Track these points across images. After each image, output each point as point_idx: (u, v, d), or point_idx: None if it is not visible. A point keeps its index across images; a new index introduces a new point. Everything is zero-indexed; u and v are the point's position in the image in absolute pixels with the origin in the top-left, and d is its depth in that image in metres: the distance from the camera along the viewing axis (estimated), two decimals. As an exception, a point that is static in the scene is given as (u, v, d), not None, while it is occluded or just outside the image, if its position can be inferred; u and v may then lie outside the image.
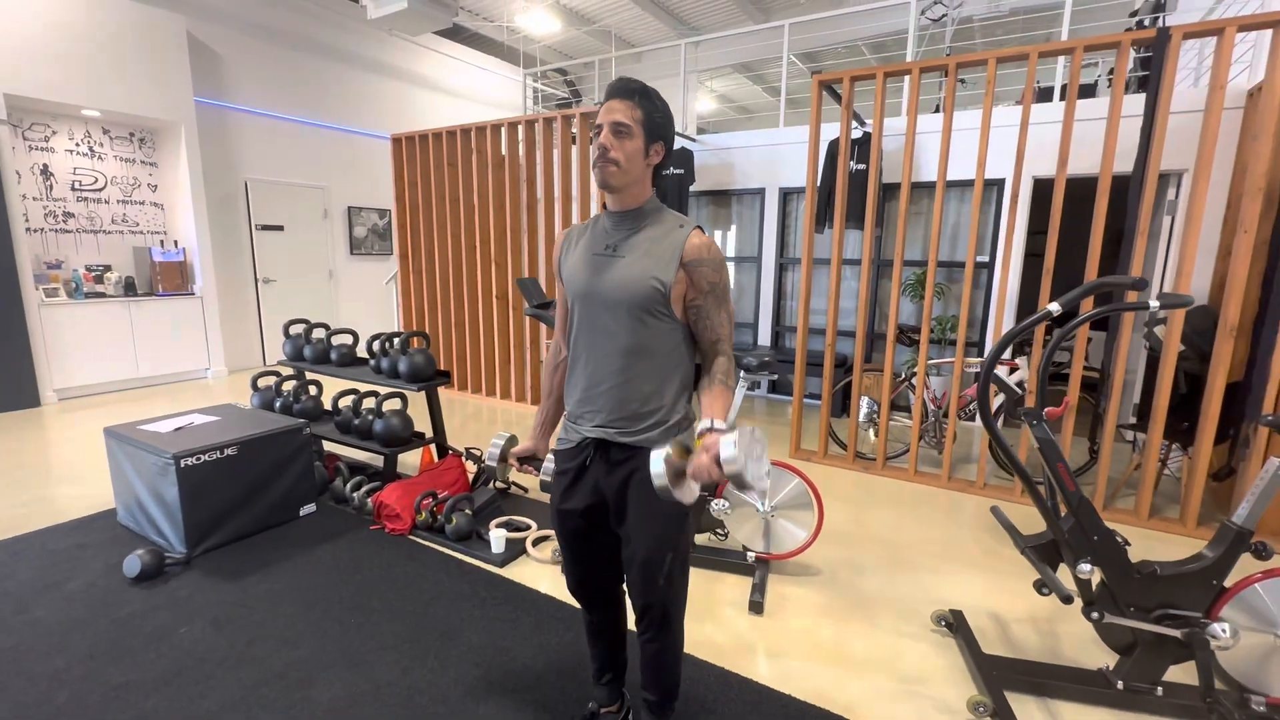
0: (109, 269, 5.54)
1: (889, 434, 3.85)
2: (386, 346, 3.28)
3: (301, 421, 2.98)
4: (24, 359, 4.89)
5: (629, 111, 1.28)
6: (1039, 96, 5.39)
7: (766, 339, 5.64)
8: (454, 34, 8.73)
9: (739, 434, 1.10)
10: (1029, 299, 4.92)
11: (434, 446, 3.42)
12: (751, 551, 2.55)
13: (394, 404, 3.22)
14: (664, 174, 1.44)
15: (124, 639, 2.07)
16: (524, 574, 2.54)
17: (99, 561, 2.57)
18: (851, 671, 1.98)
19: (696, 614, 2.25)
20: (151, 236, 5.94)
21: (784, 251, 5.51)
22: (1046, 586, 1.91)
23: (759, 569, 2.50)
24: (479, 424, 4.84)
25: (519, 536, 2.77)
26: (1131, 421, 3.88)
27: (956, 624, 2.16)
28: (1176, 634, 1.73)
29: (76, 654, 1.99)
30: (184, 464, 2.55)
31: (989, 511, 3.22)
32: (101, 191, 5.57)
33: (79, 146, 5.41)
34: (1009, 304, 3.55)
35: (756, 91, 11.53)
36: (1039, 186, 4.27)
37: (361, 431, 3.19)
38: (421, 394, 3.26)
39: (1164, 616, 1.75)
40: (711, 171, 5.63)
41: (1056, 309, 1.64)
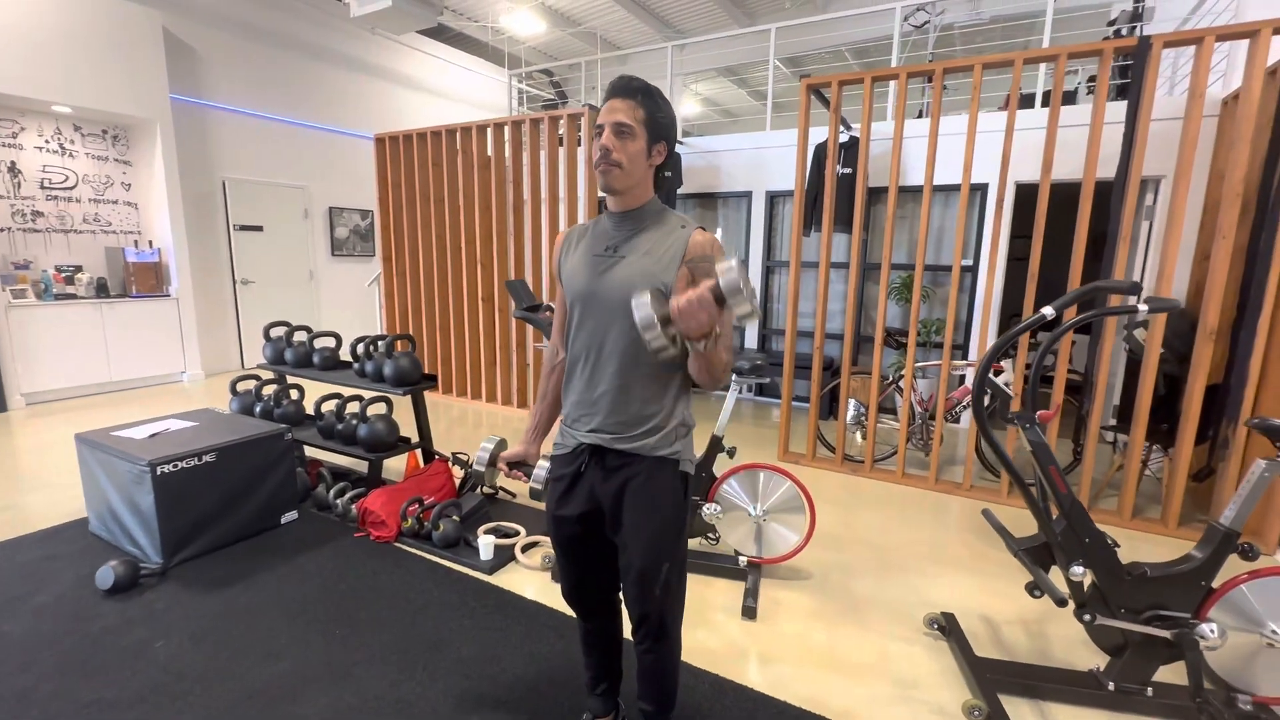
0: (80, 270, 5.38)
1: (876, 436, 3.87)
2: (371, 350, 3.22)
3: (283, 427, 2.90)
4: (-10, 362, 4.73)
5: (631, 111, 1.25)
6: (1018, 103, 5.48)
7: (753, 342, 5.65)
8: (438, 34, 8.65)
9: (732, 261, 1.06)
10: (1010, 302, 4.99)
11: (420, 452, 3.36)
12: (743, 556, 2.53)
13: (379, 408, 3.16)
14: (666, 175, 1.41)
15: (96, 654, 1.99)
16: (513, 581, 2.50)
17: (70, 573, 2.48)
18: (846, 676, 1.97)
19: (689, 620, 2.21)
20: (125, 236, 5.78)
21: (771, 255, 5.53)
22: (1039, 589, 1.92)
23: (751, 573, 2.48)
24: (464, 428, 4.78)
25: (508, 543, 2.73)
26: (1112, 423, 3.94)
27: (949, 627, 2.16)
28: (1166, 635, 1.74)
29: (46, 671, 1.91)
30: (160, 471, 2.47)
31: (976, 513, 3.26)
32: (72, 190, 5.41)
33: (49, 144, 5.25)
34: (993, 307, 3.60)
35: (741, 95, 11.59)
36: (1020, 191, 4.33)
37: (345, 437, 3.12)
38: (407, 398, 3.21)
39: (1154, 618, 1.76)
40: (698, 174, 5.63)
41: (1050, 312, 1.65)
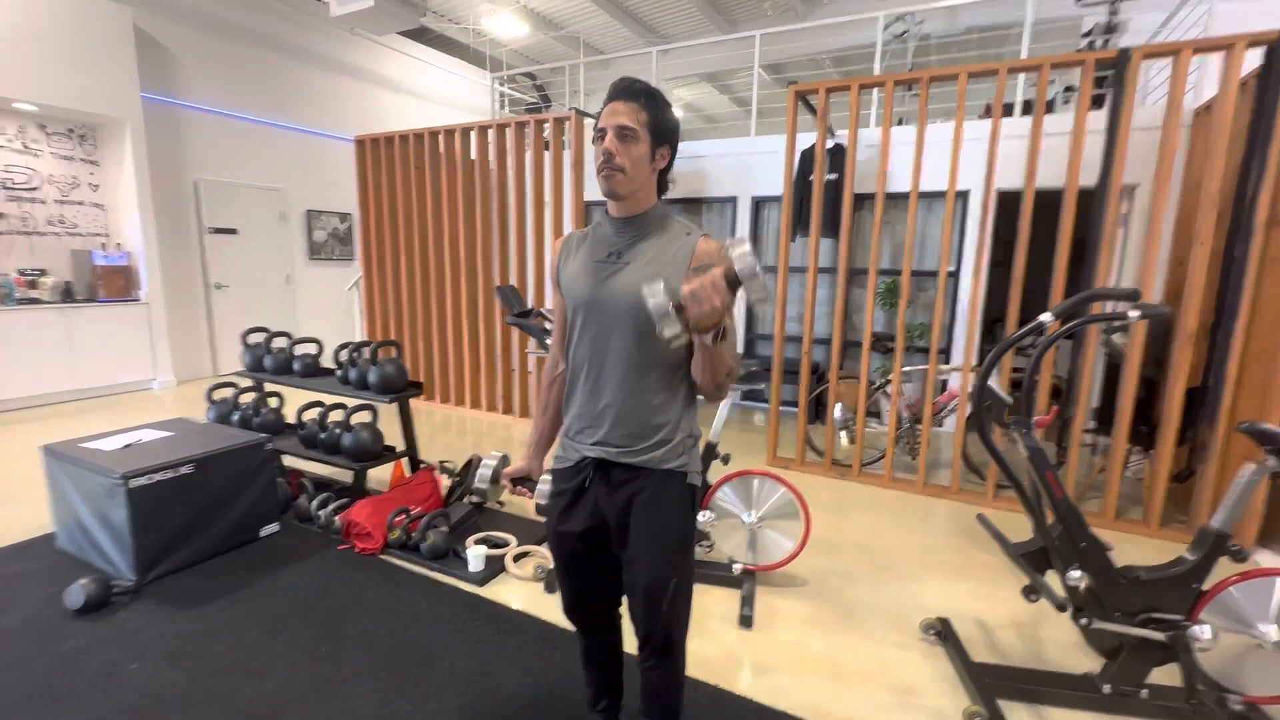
0: (44, 273, 5.18)
1: (862, 440, 3.88)
2: (355, 356, 3.14)
3: (264, 436, 2.81)
4: (-53, 370, 4.52)
5: (634, 114, 1.22)
6: (988, 113, 5.59)
7: (740, 347, 5.66)
8: (419, 35, 8.55)
9: (746, 245, 1.04)
10: (990, 307, 5.07)
11: (405, 461, 3.29)
12: (738, 564, 2.52)
13: (363, 416, 3.08)
14: (670, 181, 1.38)
15: (67, 678, 1.90)
16: (505, 593, 2.45)
17: (37, 592, 2.36)
18: (845, 684, 1.96)
19: (686, 630, 2.20)
20: (92, 239, 5.59)
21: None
22: (1035, 593, 1.94)
23: (746, 581, 2.46)
24: (448, 435, 4.70)
25: (498, 553, 2.67)
26: (1091, 426, 4.02)
27: (944, 632, 2.17)
28: (1161, 637, 1.76)
29: (13, 696, 1.81)
30: (134, 484, 2.37)
31: (964, 516, 3.29)
32: (36, 191, 5.21)
33: (11, 142, 5.05)
34: (978, 312, 3.64)
35: (723, 101, 11.66)
36: (1000, 199, 4.40)
37: (328, 446, 3.04)
38: (391, 406, 3.13)
39: (1148, 620, 1.78)
40: (684, 179, 5.63)
41: (1049, 319, 1.66)
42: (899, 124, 5.74)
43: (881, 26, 5.31)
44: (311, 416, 3.17)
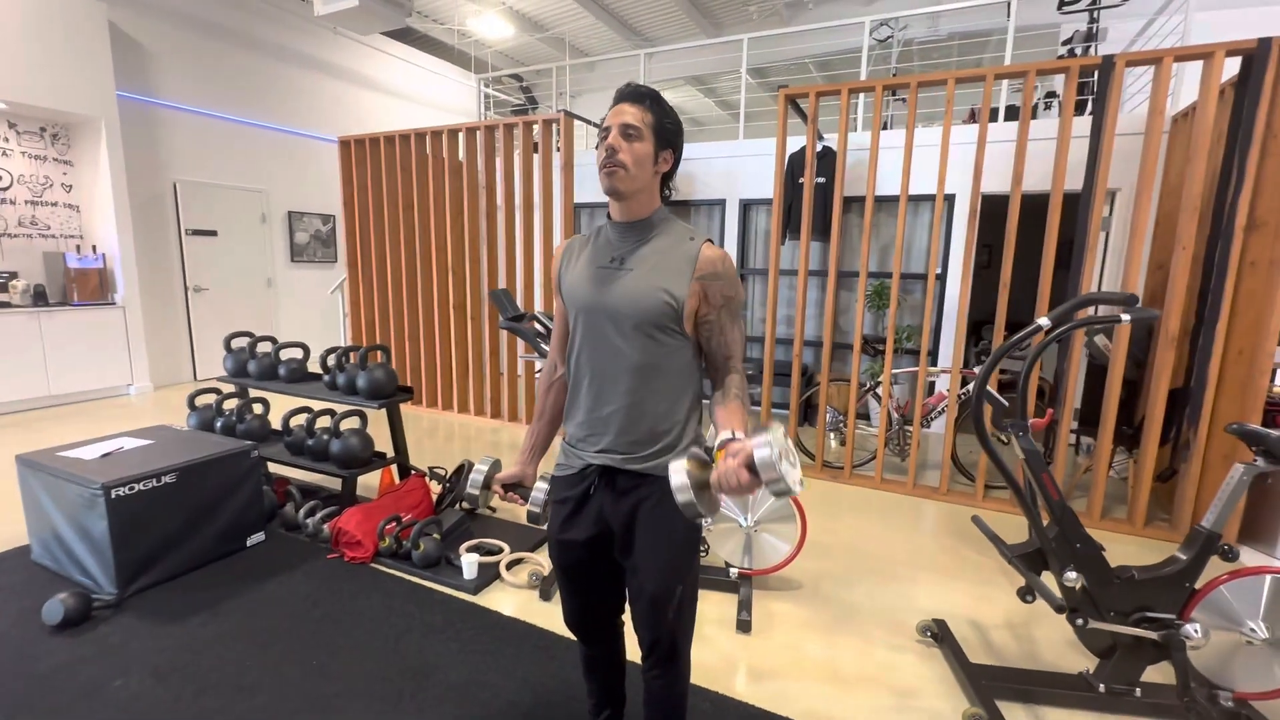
0: (15, 276, 5.03)
1: (852, 442, 3.91)
2: (343, 361, 3.08)
3: (249, 444, 2.75)
4: (-88, 377, 4.36)
5: (640, 115, 1.22)
6: (973, 118, 5.67)
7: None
8: (403, 35, 8.47)
9: (770, 435, 1.01)
10: (974, 310, 5.14)
11: (395, 467, 3.23)
12: (734, 568, 2.51)
13: (352, 422, 3.03)
14: (672, 187, 1.37)
15: (47, 696, 1.83)
16: (500, 600, 2.42)
17: (12, 607, 2.28)
18: (846, 688, 1.96)
19: (684, 636, 2.19)
20: (66, 241, 5.43)
21: (744, 263, 5.56)
22: (1031, 594, 1.95)
23: (743, 586, 2.46)
24: (435, 440, 4.64)
25: (492, 560, 2.64)
26: (1073, 427, 4.09)
27: (941, 634, 2.18)
28: (1154, 636, 1.79)
29: (-11, 719, 1.75)
30: (115, 494, 2.30)
31: (954, 517, 3.32)
32: (6, 191, 5.05)
33: (-20, 141, 4.91)
34: (965, 315, 3.69)
35: (708, 104, 11.70)
36: (984, 203, 4.47)
37: (316, 453, 2.98)
38: (380, 411, 3.08)
39: (1142, 620, 1.81)
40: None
41: (1046, 322, 1.68)
42: (884, 129, 5.80)
43: (868, 31, 5.36)
44: (298, 422, 3.11)
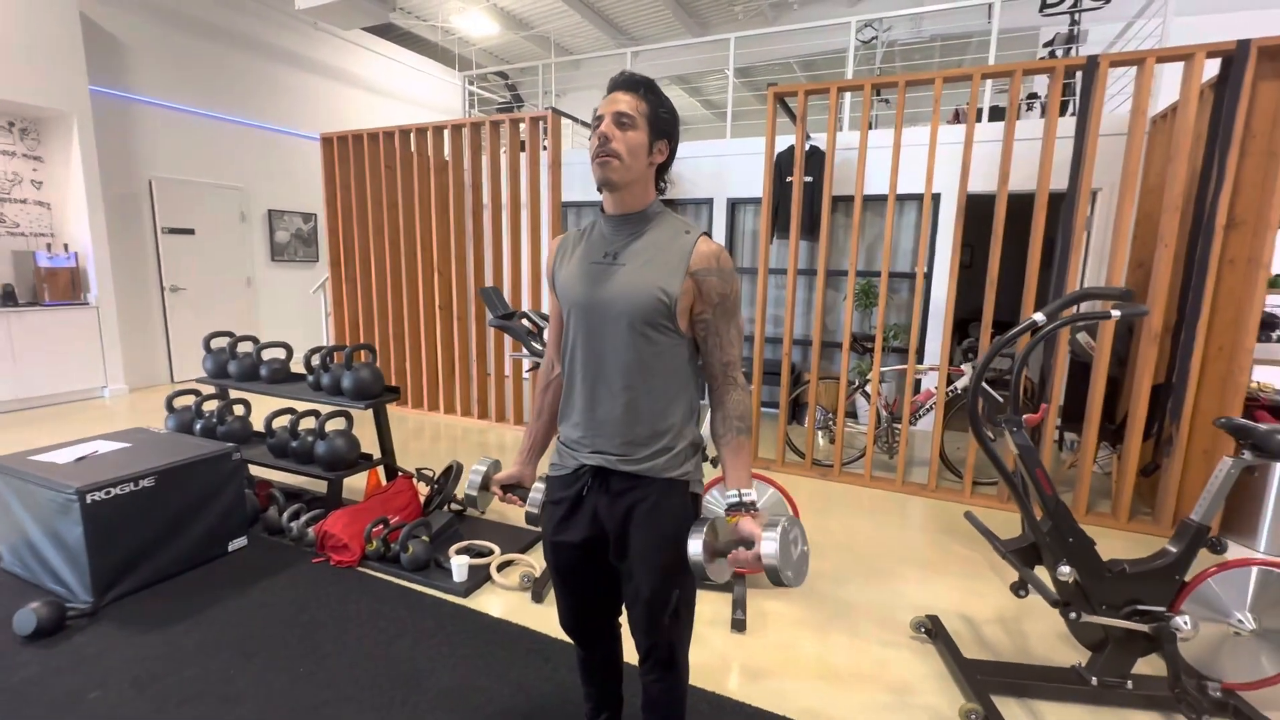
0: (-18, 275, 4.87)
1: (842, 440, 3.92)
2: (327, 361, 3.02)
3: (231, 446, 2.68)
4: (-127, 380, 4.20)
5: (634, 104, 1.19)
6: (958, 119, 5.74)
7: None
8: (385, 31, 8.35)
9: (780, 531, 1.11)
10: (957, 308, 5.18)
11: (381, 469, 3.18)
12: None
13: (338, 423, 2.97)
14: (667, 180, 1.35)
15: (19, 710, 1.76)
16: (491, 603, 2.38)
17: (-19, 618, 2.19)
18: (842, 686, 1.95)
19: (679, 636, 2.17)
20: (36, 239, 5.27)
21: (733, 261, 5.56)
22: (1024, 589, 1.97)
23: (736, 585, 2.44)
24: (421, 441, 4.58)
25: (482, 563, 2.60)
26: (1056, 423, 4.14)
27: (934, 630, 2.19)
28: (1145, 629, 1.80)
29: (-43, 735, 1.67)
30: (90, 499, 2.22)
31: (943, 513, 3.34)
32: (-27, 187, 4.90)
33: (-56, 136, 4.74)
34: (951, 313, 3.73)
35: (693, 104, 11.71)
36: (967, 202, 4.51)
37: (300, 455, 2.91)
38: (366, 412, 3.03)
39: (1133, 613, 1.83)
40: (659, 180, 5.61)
41: (1041, 318, 1.69)
42: (870, 128, 5.83)
43: (854, 31, 5.39)
44: (282, 424, 3.04)
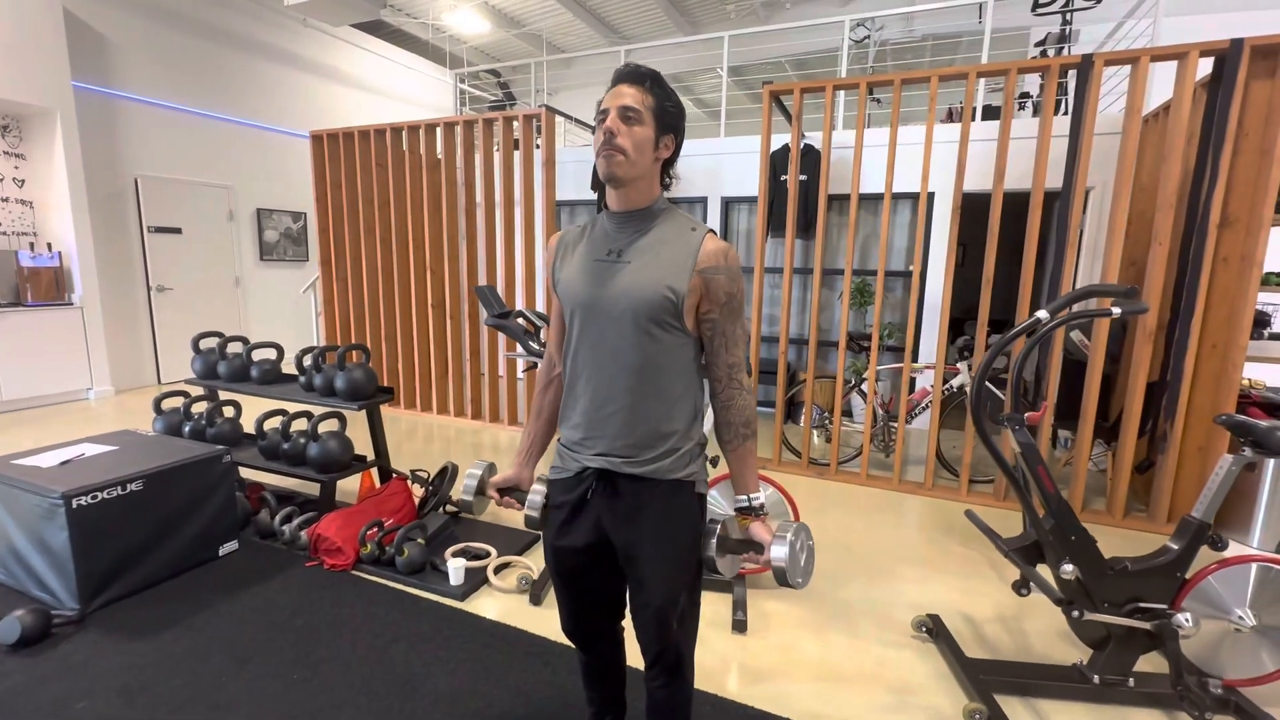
0: (-37, 275, 4.77)
1: (827, 438, 3.92)
2: (319, 361, 2.97)
3: (221, 448, 2.63)
4: None
5: (639, 97, 1.16)
6: (951, 118, 5.76)
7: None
8: (375, 29, 8.27)
9: (790, 538, 1.15)
10: (952, 306, 5.20)
11: (375, 471, 3.13)
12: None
13: (329, 425, 2.92)
14: (673, 176, 1.33)
15: (3, 722, 1.71)
16: (489, 606, 2.35)
17: (-37, 627, 2.13)
18: (845, 687, 1.94)
19: (679, 638, 2.15)
20: (18, 238, 5.17)
21: (726, 260, 5.55)
22: (1026, 587, 1.96)
23: (737, 585, 2.43)
24: (415, 442, 4.53)
25: (479, 565, 2.56)
26: (1050, 420, 4.16)
27: (936, 629, 2.18)
28: (1147, 626, 1.80)
29: (-61, 748, 1.62)
30: (76, 504, 2.17)
31: (940, 512, 3.34)
32: (-47, 185, 4.79)
33: (-77, 132, 4.64)
34: (947, 311, 3.73)
35: (685, 103, 11.69)
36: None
37: (292, 457, 2.86)
38: (359, 413, 2.98)
39: (1135, 610, 1.82)
40: (653, 179, 5.59)
41: (1045, 315, 1.68)
42: (868, 126, 5.85)
43: (848, 29, 5.40)
44: (273, 426, 2.99)
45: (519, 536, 2.87)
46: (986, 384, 1.61)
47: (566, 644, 2.07)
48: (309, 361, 2.99)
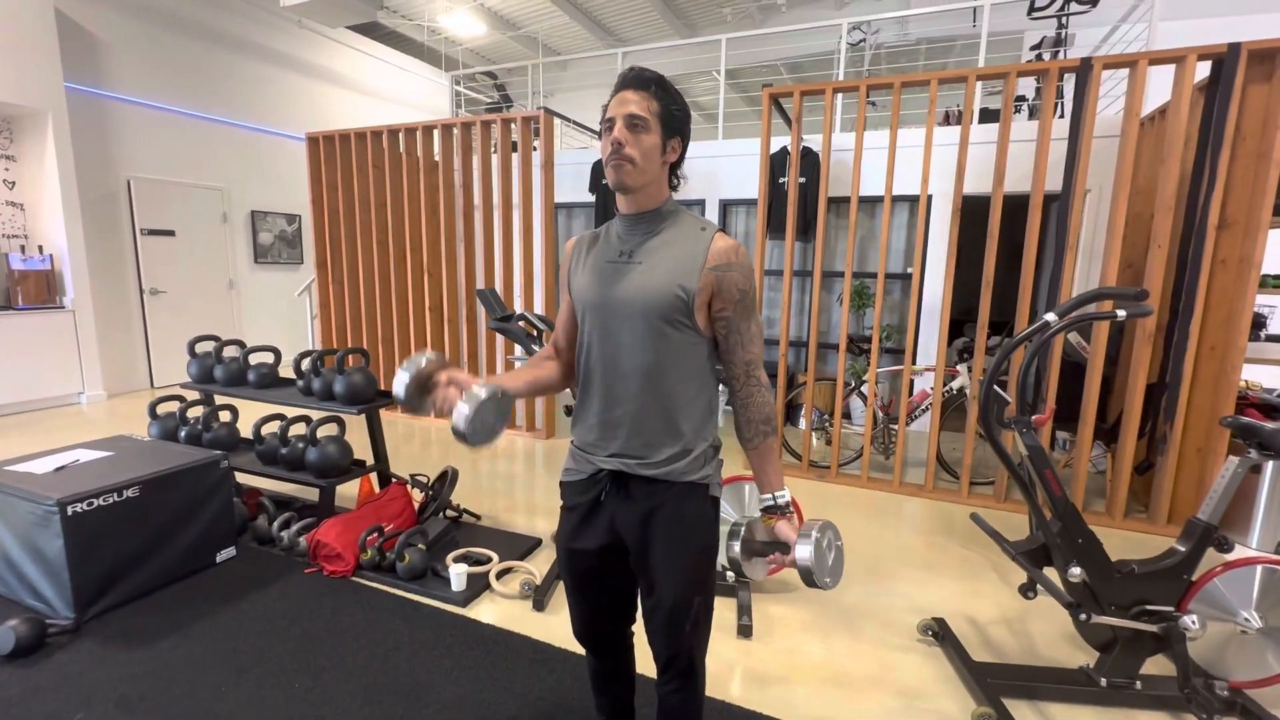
0: (-48, 278, 4.71)
1: (827, 441, 3.91)
2: (318, 365, 2.94)
3: (218, 453, 2.59)
4: None
5: (645, 103, 1.15)
6: (947, 121, 5.78)
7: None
8: (371, 30, 8.24)
9: (816, 535, 1.14)
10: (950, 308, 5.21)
11: (374, 475, 3.10)
12: (731, 572, 2.46)
13: (328, 430, 2.89)
14: (680, 177, 1.32)
15: (-2, 735, 1.68)
16: (491, 612, 2.32)
17: (-45, 637, 2.09)
18: (852, 691, 1.93)
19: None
20: (9, 241, 5.11)
21: (724, 262, 5.54)
22: (1033, 590, 1.96)
23: (741, 590, 2.41)
24: (413, 447, 4.50)
25: (481, 571, 2.54)
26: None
27: (941, 632, 2.17)
28: (1154, 629, 1.80)
29: (-68, 762, 1.59)
30: (71, 511, 2.14)
31: (941, 514, 3.34)
32: (-58, 187, 4.73)
33: (-88, 134, 4.58)
34: (947, 314, 3.73)
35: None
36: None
37: (291, 462, 2.83)
38: (356, 418, 2.95)
39: (1141, 613, 1.82)
40: (651, 182, 5.58)
41: (1053, 318, 1.68)
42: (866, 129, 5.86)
43: (845, 32, 5.41)
44: (271, 430, 2.95)
45: (521, 541, 2.85)
46: (995, 387, 1.61)
47: (571, 650, 2.05)
48: (307, 365, 2.96)
